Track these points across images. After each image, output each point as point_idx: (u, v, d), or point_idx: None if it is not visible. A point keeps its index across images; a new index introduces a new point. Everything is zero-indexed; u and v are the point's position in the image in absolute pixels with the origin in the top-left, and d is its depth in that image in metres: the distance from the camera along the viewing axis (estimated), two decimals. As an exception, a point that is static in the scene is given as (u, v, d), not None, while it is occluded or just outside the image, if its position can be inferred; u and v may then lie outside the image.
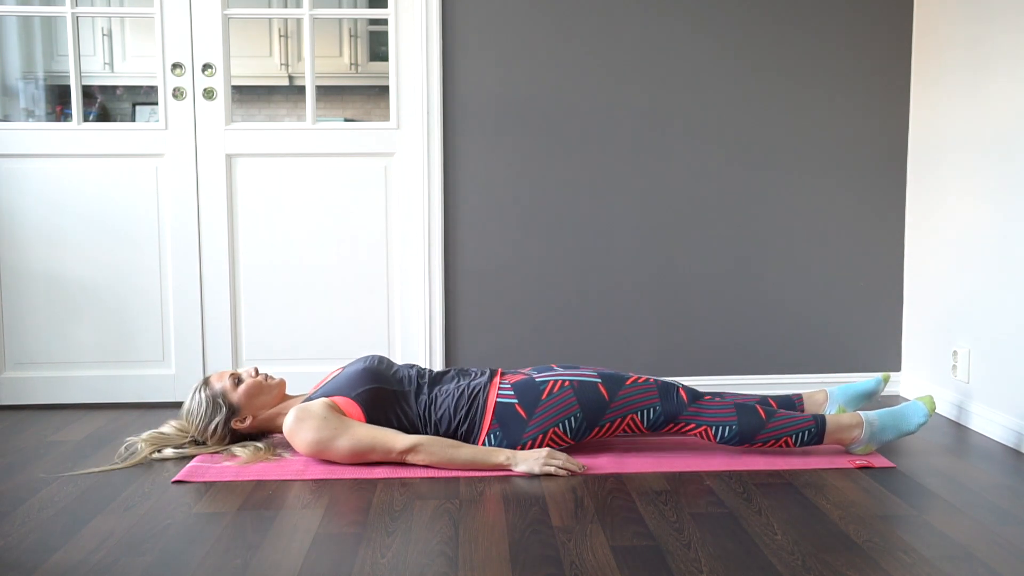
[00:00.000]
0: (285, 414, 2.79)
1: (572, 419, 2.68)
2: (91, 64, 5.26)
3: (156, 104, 4.31)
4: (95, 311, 3.48)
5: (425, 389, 2.76)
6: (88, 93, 5.39)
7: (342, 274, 3.49)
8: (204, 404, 2.78)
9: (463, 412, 2.71)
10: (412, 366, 2.86)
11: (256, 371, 2.82)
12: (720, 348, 3.57)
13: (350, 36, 5.34)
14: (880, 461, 2.67)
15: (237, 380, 2.80)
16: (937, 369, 3.32)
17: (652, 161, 3.48)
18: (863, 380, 3.04)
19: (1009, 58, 2.89)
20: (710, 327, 3.56)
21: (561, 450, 2.73)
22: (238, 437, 2.83)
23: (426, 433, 2.73)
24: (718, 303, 3.56)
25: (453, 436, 2.72)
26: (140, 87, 5.49)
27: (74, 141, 3.44)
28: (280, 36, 5.30)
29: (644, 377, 2.76)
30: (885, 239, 3.57)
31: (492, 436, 2.69)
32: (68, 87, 3.67)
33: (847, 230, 3.56)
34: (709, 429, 2.71)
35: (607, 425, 2.71)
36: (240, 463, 2.69)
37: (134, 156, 3.45)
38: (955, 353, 3.17)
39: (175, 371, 3.50)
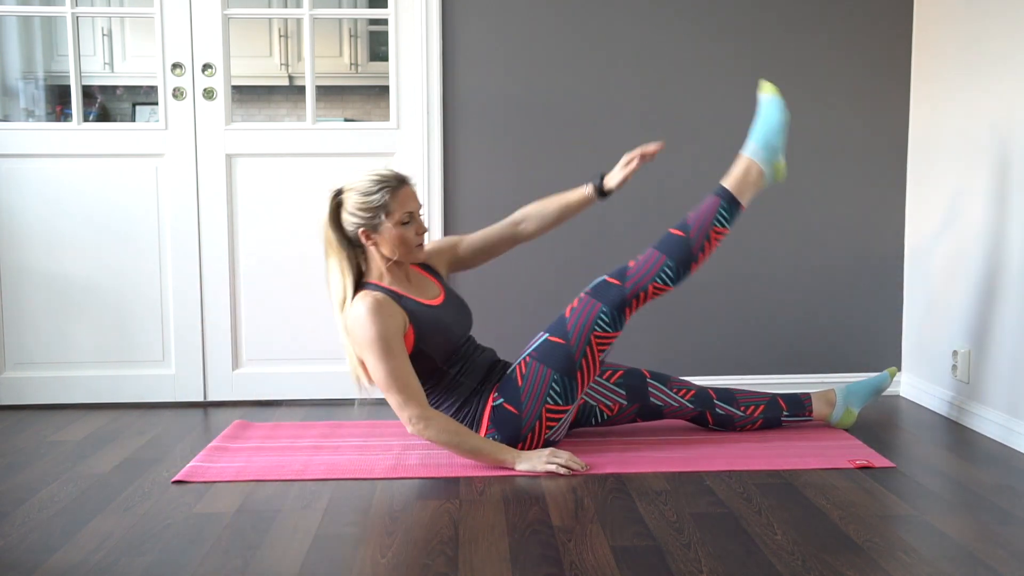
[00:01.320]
0: (378, 282, 2.68)
1: (554, 384, 2.68)
2: (91, 64, 5.26)
3: (156, 104, 4.30)
4: (95, 311, 3.48)
5: (457, 366, 2.73)
6: (88, 93, 5.39)
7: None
8: (381, 185, 2.62)
9: (459, 418, 2.73)
10: (477, 347, 2.83)
11: (424, 239, 2.72)
12: (720, 348, 3.57)
13: (350, 36, 5.34)
14: (880, 461, 2.67)
15: (407, 222, 2.65)
16: (937, 369, 3.32)
17: (652, 161, 3.48)
18: (869, 377, 3.08)
19: (1009, 58, 2.89)
20: (710, 327, 3.56)
21: (564, 422, 2.73)
22: (349, 237, 2.67)
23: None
24: (718, 303, 3.55)
25: None
26: (140, 87, 5.49)
27: (74, 141, 3.44)
28: (280, 36, 5.30)
29: (575, 299, 2.76)
30: (885, 239, 3.57)
31: (491, 439, 2.70)
32: (68, 87, 3.67)
33: (847, 229, 3.56)
34: (656, 283, 2.72)
35: (583, 361, 2.70)
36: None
37: (134, 156, 3.45)
38: (955, 353, 3.17)
39: (175, 371, 3.50)
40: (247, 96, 5.53)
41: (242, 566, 1.99)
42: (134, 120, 5.47)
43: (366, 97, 5.57)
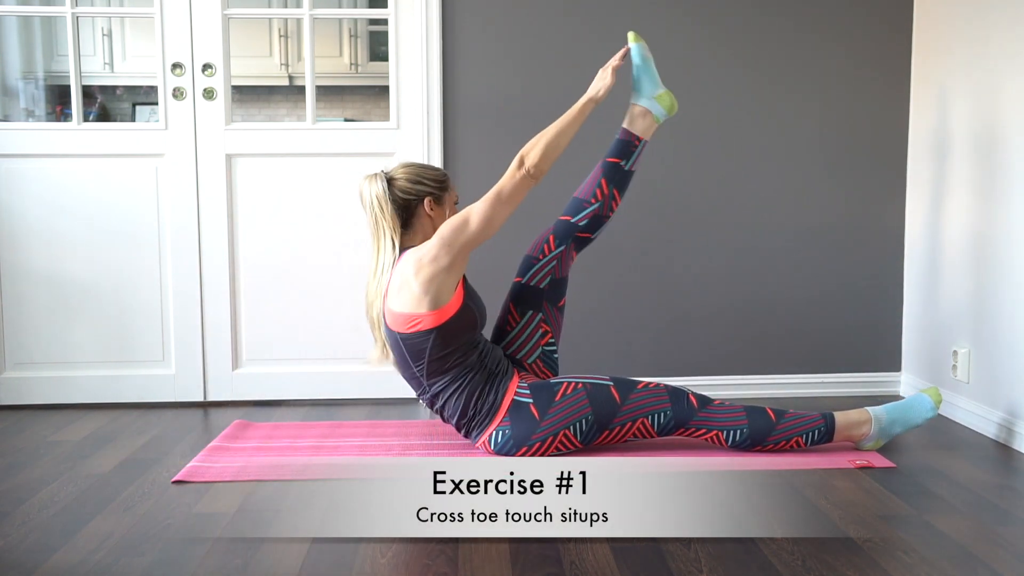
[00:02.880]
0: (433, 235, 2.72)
1: (583, 421, 2.69)
2: (91, 64, 5.26)
3: (156, 104, 4.29)
4: (95, 311, 3.48)
5: (481, 345, 2.77)
6: (88, 93, 5.39)
7: (342, 274, 3.49)
8: (440, 171, 2.85)
9: (479, 404, 2.70)
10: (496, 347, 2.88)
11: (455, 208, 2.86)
12: (720, 348, 3.57)
13: (350, 36, 5.33)
14: (880, 461, 2.67)
15: (456, 203, 2.86)
16: (937, 369, 3.32)
17: (652, 160, 3.48)
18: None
19: (1009, 58, 2.89)
20: (710, 327, 3.56)
21: (568, 454, 2.72)
22: (404, 204, 2.77)
23: (430, 408, 2.80)
24: (718, 303, 3.55)
25: (460, 423, 2.74)
26: (140, 87, 5.48)
27: (74, 141, 3.44)
28: (280, 36, 5.30)
29: (655, 382, 2.77)
30: (885, 239, 3.57)
31: (499, 433, 2.69)
32: (68, 87, 3.67)
33: (847, 230, 3.56)
34: (720, 434, 2.72)
35: (617, 428, 2.71)
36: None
37: (134, 156, 3.45)
38: (955, 353, 3.17)
39: (175, 371, 3.50)
40: (247, 96, 5.52)
41: (242, 566, 1.99)
42: (134, 120, 5.47)
43: (366, 97, 5.56)
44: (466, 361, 2.72)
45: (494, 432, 2.70)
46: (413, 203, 2.77)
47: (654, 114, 2.93)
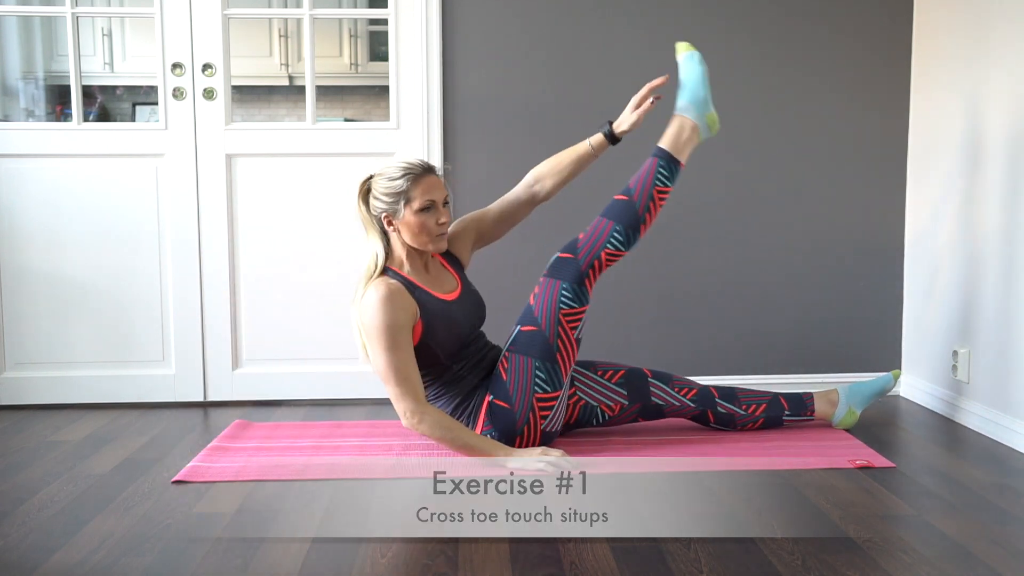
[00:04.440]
0: (394, 270, 2.71)
1: (538, 373, 2.69)
2: (91, 64, 5.26)
3: (156, 104, 4.28)
4: (95, 311, 3.48)
5: (461, 362, 2.75)
6: (88, 93, 5.38)
7: (343, 274, 3.49)
8: (399, 180, 2.66)
9: (458, 415, 2.76)
10: (485, 346, 2.85)
11: (447, 225, 2.73)
12: (719, 348, 3.57)
13: (350, 36, 5.33)
14: (880, 461, 2.67)
15: (427, 209, 2.67)
16: (937, 369, 3.32)
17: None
18: (872, 378, 3.09)
19: (1009, 58, 2.89)
20: (710, 327, 3.56)
21: (558, 416, 2.73)
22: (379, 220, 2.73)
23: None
24: (718, 303, 3.55)
25: None
26: (140, 87, 5.48)
27: (74, 141, 3.44)
28: (280, 36, 5.30)
29: (535, 287, 2.78)
30: (885, 239, 3.57)
31: (488, 436, 2.71)
32: (68, 87, 3.66)
33: (847, 230, 3.56)
34: (608, 248, 2.76)
35: (559, 342, 2.71)
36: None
37: (134, 156, 3.45)
38: (955, 353, 3.17)
39: (175, 371, 3.50)
40: (247, 96, 5.52)
41: (242, 566, 1.99)
42: (134, 120, 5.47)
43: (366, 97, 5.56)
44: (441, 378, 2.76)
45: (483, 434, 2.71)
46: (377, 218, 2.72)
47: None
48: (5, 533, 2.19)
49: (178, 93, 3.43)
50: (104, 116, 5.47)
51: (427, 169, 2.71)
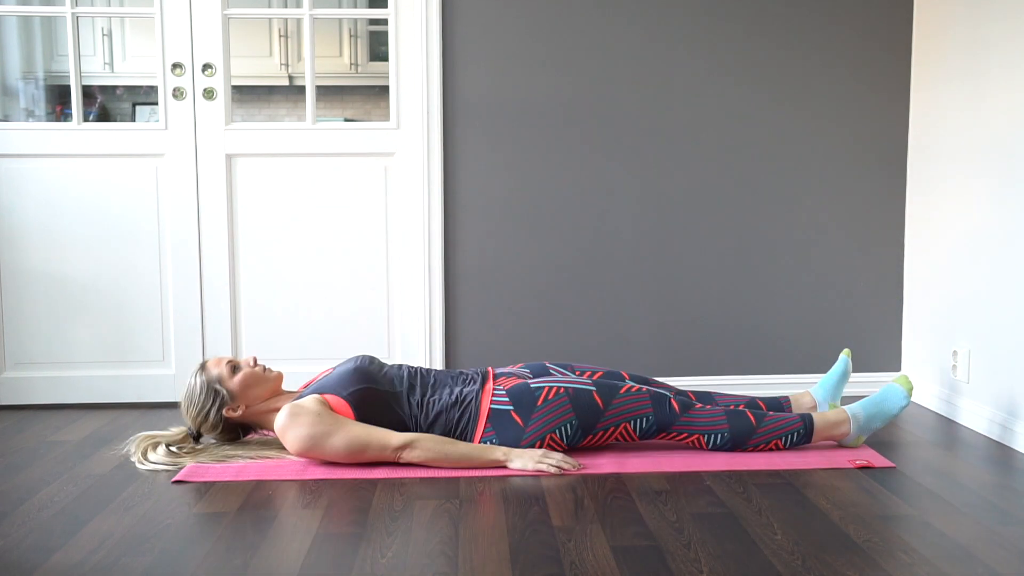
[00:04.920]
0: (278, 409, 2.75)
1: (568, 426, 2.69)
2: (91, 64, 5.26)
3: (156, 104, 4.29)
4: (95, 311, 3.48)
5: (417, 390, 2.75)
6: (88, 93, 5.39)
7: (342, 273, 3.49)
8: (199, 390, 2.74)
9: (454, 421, 2.72)
10: (402, 367, 2.83)
11: (255, 361, 2.79)
12: (719, 348, 3.57)
13: (350, 36, 5.34)
14: (880, 461, 2.67)
15: (234, 368, 2.76)
16: (937, 369, 3.32)
17: (651, 161, 3.49)
18: (830, 370, 3.07)
19: (1009, 59, 2.89)
20: (709, 327, 3.56)
21: (558, 451, 2.73)
22: (229, 428, 2.79)
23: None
24: (717, 303, 3.55)
25: (451, 437, 2.73)
26: (140, 87, 5.48)
27: (74, 141, 3.44)
28: (280, 36, 5.30)
29: (637, 386, 2.77)
30: (885, 239, 3.57)
31: (487, 443, 2.70)
32: (68, 87, 3.67)
33: (847, 230, 3.56)
34: (701, 437, 2.75)
35: (600, 433, 2.73)
36: (241, 462, 2.69)
37: (134, 156, 3.45)
38: (955, 353, 3.17)
39: (175, 371, 3.50)
40: (247, 96, 5.52)
41: (242, 566, 1.99)
42: (134, 120, 5.47)
43: (366, 97, 5.56)
44: (409, 411, 2.73)
45: (481, 441, 2.70)
46: (230, 423, 2.77)
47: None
48: (5, 533, 2.19)
49: (178, 93, 3.43)
50: (104, 116, 5.48)
51: (202, 368, 2.77)
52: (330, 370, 2.86)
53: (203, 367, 2.77)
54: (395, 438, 2.62)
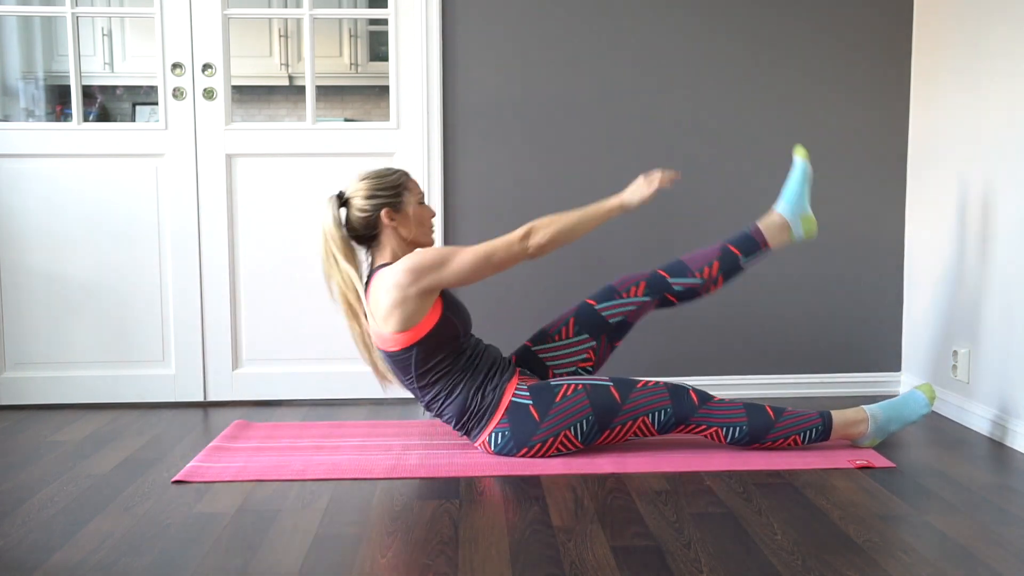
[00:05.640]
0: (406, 251, 2.77)
1: (584, 422, 2.69)
2: (91, 64, 5.26)
3: (156, 104, 4.29)
4: (95, 311, 3.48)
5: (471, 351, 2.78)
6: (88, 93, 5.39)
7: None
8: (395, 177, 2.78)
9: (476, 405, 2.72)
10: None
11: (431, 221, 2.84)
12: (720, 348, 3.57)
13: (350, 36, 5.34)
14: (880, 461, 2.67)
15: (421, 201, 2.82)
16: (937, 369, 3.32)
17: (651, 161, 3.48)
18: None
19: (1009, 57, 2.89)
20: (710, 327, 3.56)
21: (568, 455, 2.73)
22: (363, 223, 2.77)
23: (430, 412, 2.81)
24: (718, 303, 3.55)
25: (458, 424, 2.76)
26: (140, 87, 5.48)
27: (74, 141, 3.44)
28: (280, 36, 5.30)
29: (654, 380, 2.77)
30: (885, 239, 3.57)
31: (499, 434, 2.70)
32: (68, 87, 3.67)
33: (847, 229, 3.56)
34: (720, 430, 2.73)
35: (618, 428, 2.72)
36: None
37: (134, 156, 3.45)
38: (955, 353, 3.17)
39: (175, 371, 3.50)
40: (247, 96, 5.53)
41: (242, 566, 1.99)
42: (134, 120, 5.47)
43: (366, 97, 5.57)
44: (455, 367, 2.74)
45: (493, 433, 2.70)
46: (372, 218, 2.77)
47: (792, 233, 2.91)
48: (5, 533, 2.19)
49: (178, 93, 3.43)
50: (104, 116, 5.48)
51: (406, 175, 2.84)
52: None
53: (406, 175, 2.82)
54: (516, 233, 2.68)
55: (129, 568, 1.98)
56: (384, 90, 5.44)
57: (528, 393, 2.71)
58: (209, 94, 3.42)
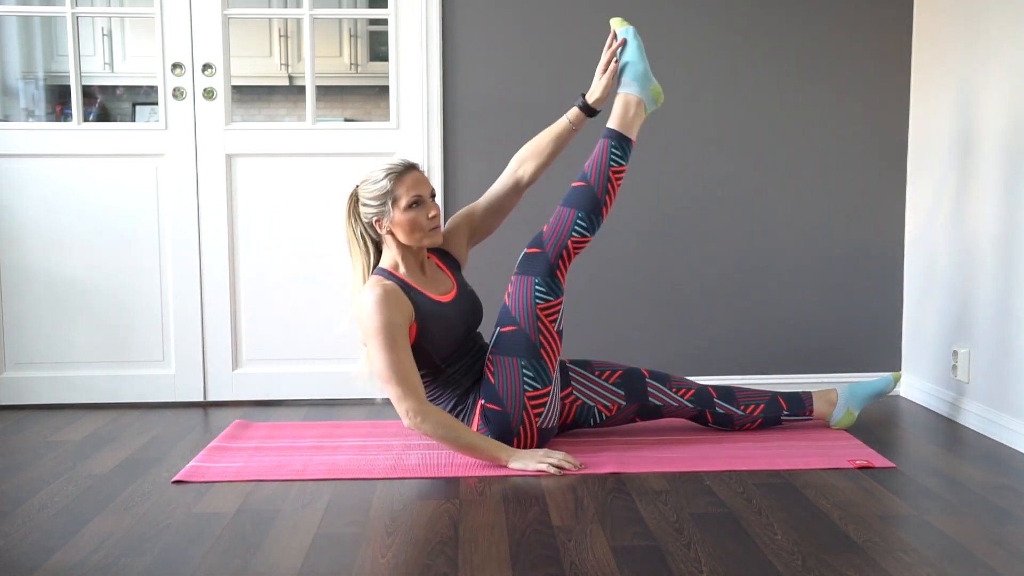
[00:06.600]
0: (395, 265, 2.72)
1: (525, 371, 2.69)
2: (91, 64, 5.26)
3: (156, 104, 4.29)
4: (95, 311, 3.48)
5: (463, 359, 2.77)
6: (88, 93, 5.38)
7: (342, 274, 3.49)
8: (384, 182, 2.66)
9: (458, 414, 2.76)
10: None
11: (437, 223, 2.73)
12: (719, 348, 3.57)
13: (350, 36, 5.33)
14: (880, 461, 2.67)
15: (418, 202, 2.67)
16: (937, 369, 3.32)
17: (651, 160, 3.48)
18: (872, 380, 3.11)
19: (1007, 58, 2.89)
20: (709, 327, 3.56)
21: (552, 414, 2.73)
22: (367, 235, 2.75)
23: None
24: (717, 303, 3.55)
25: None
26: (140, 87, 5.48)
27: (74, 141, 3.44)
28: (280, 36, 5.30)
29: (508, 286, 2.78)
30: (885, 238, 3.57)
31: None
32: (68, 87, 3.67)
33: (847, 230, 3.56)
34: (574, 236, 2.77)
35: (542, 339, 2.71)
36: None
37: (134, 156, 3.45)
38: (955, 353, 3.17)
39: (175, 371, 3.50)
40: (247, 96, 5.52)
41: (242, 566, 1.99)
42: (134, 120, 5.47)
43: (366, 97, 5.56)
44: (435, 382, 2.76)
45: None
46: (370, 225, 2.73)
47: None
48: (5, 533, 2.19)
49: (178, 93, 3.43)
50: (104, 116, 5.47)
51: (409, 167, 2.73)
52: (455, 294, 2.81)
53: (408, 167, 2.72)
54: (415, 400, 2.57)
55: (129, 568, 1.98)
56: (384, 90, 5.43)
57: (481, 396, 2.73)
58: (209, 94, 3.42)
